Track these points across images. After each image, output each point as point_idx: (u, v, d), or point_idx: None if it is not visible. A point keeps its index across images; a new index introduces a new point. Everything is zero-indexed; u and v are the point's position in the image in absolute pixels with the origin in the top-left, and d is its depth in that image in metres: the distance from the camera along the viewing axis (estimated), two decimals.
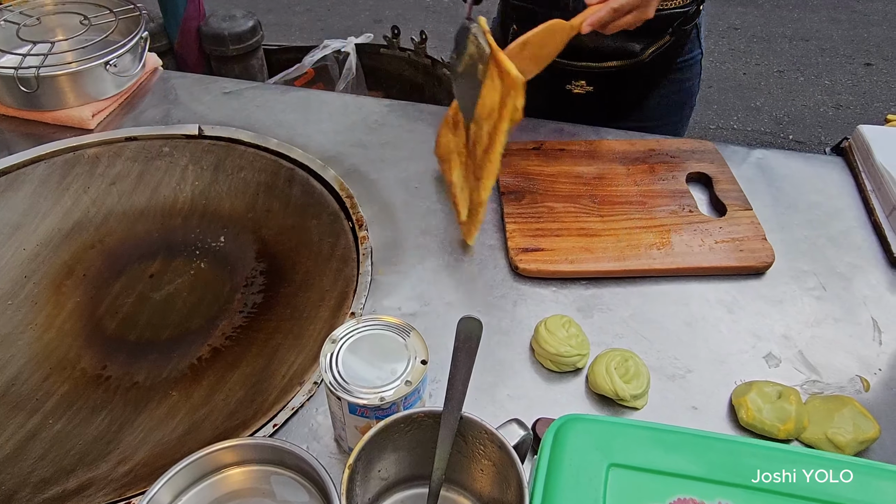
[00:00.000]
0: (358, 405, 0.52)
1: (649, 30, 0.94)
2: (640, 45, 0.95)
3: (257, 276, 0.79)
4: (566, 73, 0.99)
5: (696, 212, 0.81)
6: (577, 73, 0.99)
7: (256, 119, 0.98)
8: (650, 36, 0.95)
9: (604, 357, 0.65)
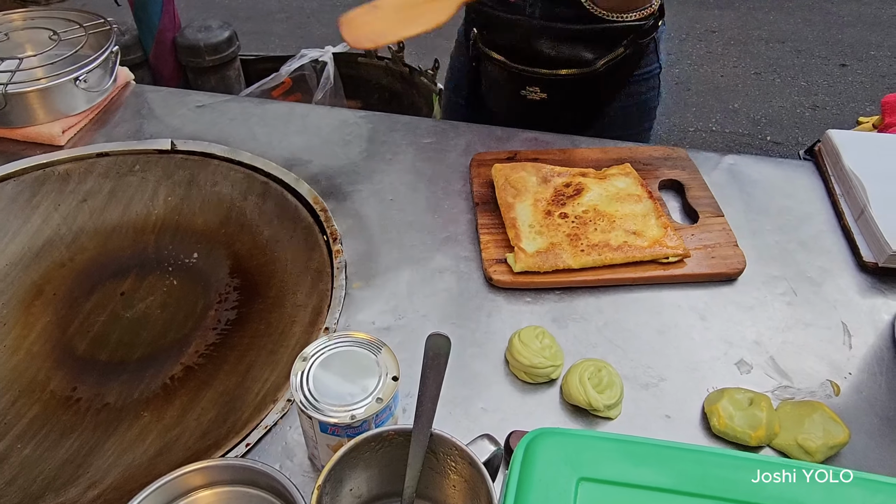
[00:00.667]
0: (329, 424, 0.52)
1: (604, 41, 0.95)
2: (594, 55, 0.96)
3: (231, 293, 0.79)
4: (521, 79, 1.00)
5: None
6: (531, 79, 1.00)
7: (230, 133, 0.98)
8: (604, 47, 0.96)
9: (577, 367, 0.65)
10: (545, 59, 0.97)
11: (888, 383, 0.67)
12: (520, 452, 0.49)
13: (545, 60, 0.97)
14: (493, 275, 0.75)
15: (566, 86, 0.98)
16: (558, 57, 0.96)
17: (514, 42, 0.97)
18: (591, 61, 0.96)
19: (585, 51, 0.95)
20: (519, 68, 0.98)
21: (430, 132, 0.98)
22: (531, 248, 0.76)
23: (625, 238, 0.77)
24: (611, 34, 0.94)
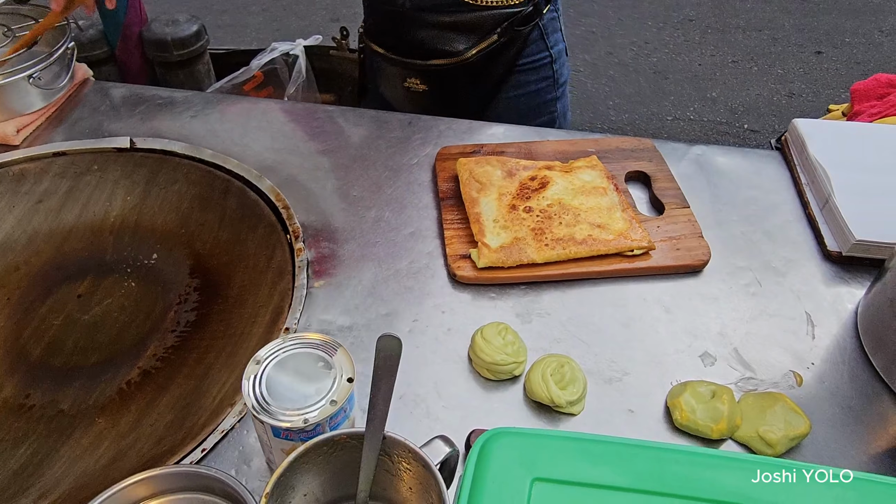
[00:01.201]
0: (281, 428, 0.51)
1: (475, 29, 0.94)
2: (465, 45, 0.95)
3: (191, 293, 0.77)
4: (402, 71, 0.99)
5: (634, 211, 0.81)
6: (410, 71, 0.99)
7: (191, 130, 0.96)
8: (476, 36, 0.94)
9: (540, 364, 0.64)
10: (419, 49, 0.96)
11: (850, 372, 0.67)
12: (474, 453, 0.48)
13: (419, 51, 0.96)
14: (457, 271, 0.74)
15: (442, 76, 0.97)
16: (430, 47, 0.95)
17: (392, 33, 0.97)
18: (463, 51, 0.95)
19: (457, 40, 0.94)
20: (395, 59, 0.98)
21: (397, 126, 0.97)
22: (495, 244, 0.75)
23: (589, 231, 0.76)
24: (482, 22, 0.93)
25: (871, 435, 0.62)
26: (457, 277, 0.74)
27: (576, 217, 0.78)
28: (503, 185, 0.83)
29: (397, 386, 0.64)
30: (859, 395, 0.65)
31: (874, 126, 0.93)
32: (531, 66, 1.01)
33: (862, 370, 0.67)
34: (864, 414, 0.63)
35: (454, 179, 0.86)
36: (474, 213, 0.79)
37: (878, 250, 0.75)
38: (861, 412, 0.64)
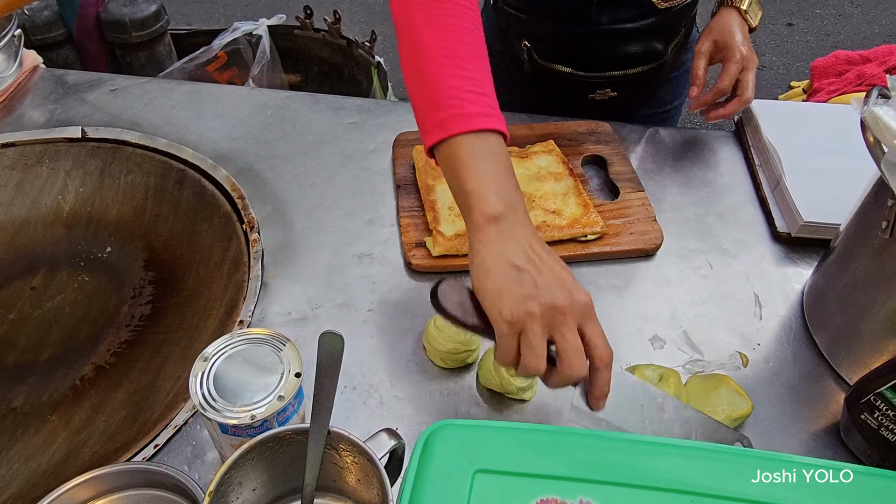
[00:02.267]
0: (229, 425, 0.51)
1: (670, 28, 0.93)
2: (663, 45, 0.93)
3: (146, 287, 0.77)
4: (591, 85, 0.96)
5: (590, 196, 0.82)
6: (602, 84, 0.96)
7: (145, 118, 0.94)
8: (669, 34, 0.94)
9: (492, 351, 0.65)
10: (616, 61, 0.93)
11: (794, 353, 0.69)
12: (419, 446, 0.49)
13: (616, 62, 0.93)
14: (412, 259, 0.75)
15: (637, 79, 0.95)
16: (630, 56, 0.93)
17: (579, 51, 0.93)
18: (662, 51, 0.94)
19: (655, 42, 0.93)
20: (588, 76, 0.94)
21: (355, 111, 0.96)
22: (450, 231, 0.75)
23: (543, 217, 0.77)
24: (675, 19, 0.92)
25: (812, 413, 0.64)
26: (412, 265, 0.75)
27: (530, 203, 0.78)
28: None
29: (351, 377, 0.65)
30: (802, 374, 0.67)
31: (827, 106, 0.94)
32: (690, 46, 1.01)
33: (806, 350, 0.69)
34: (806, 393, 0.65)
35: (411, 166, 0.85)
36: (430, 200, 0.79)
37: (826, 231, 0.77)
38: (803, 391, 0.65)
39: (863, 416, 0.58)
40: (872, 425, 0.57)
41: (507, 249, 0.52)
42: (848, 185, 0.67)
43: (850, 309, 0.65)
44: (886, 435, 0.57)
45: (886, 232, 0.59)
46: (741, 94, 0.83)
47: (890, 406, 0.56)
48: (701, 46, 0.86)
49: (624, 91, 0.96)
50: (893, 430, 0.56)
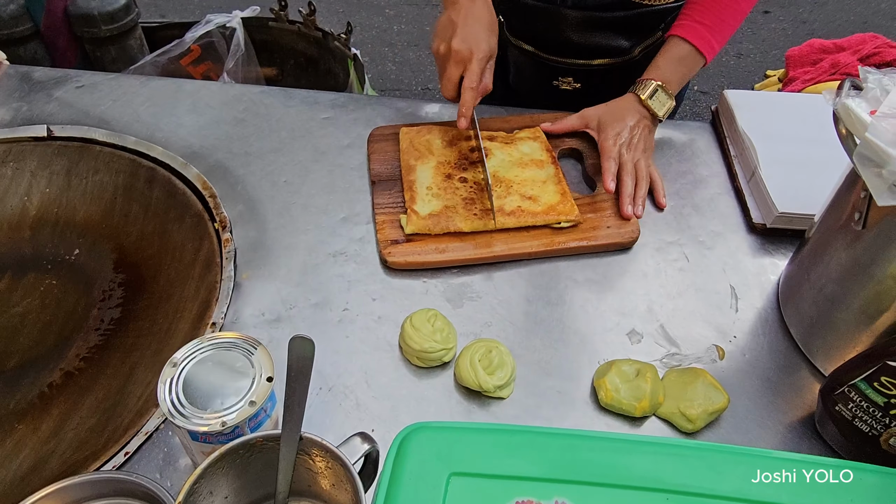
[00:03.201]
0: (199, 433, 0.50)
1: (642, 27, 0.91)
2: (630, 43, 0.92)
3: (115, 289, 0.75)
4: (554, 70, 0.95)
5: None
6: (564, 70, 0.95)
7: (113, 115, 0.92)
8: (641, 33, 0.92)
9: (469, 349, 0.65)
10: (578, 49, 0.92)
11: (770, 344, 0.69)
12: (394, 449, 0.49)
13: (578, 50, 0.92)
14: (388, 257, 0.74)
15: (601, 75, 0.94)
16: (593, 46, 0.91)
17: (544, 32, 0.92)
18: (628, 49, 0.92)
19: (622, 38, 0.91)
20: (551, 59, 0.93)
21: (329, 106, 0.95)
22: (424, 211, 0.75)
23: (519, 203, 0.77)
24: (649, 19, 0.90)
25: (787, 405, 0.64)
26: (388, 263, 0.74)
27: (507, 189, 0.78)
28: (443, 154, 0.83)
29: (326, 378, 0.64)
30: (778, 366, 0.67)
31: (802, 96, 0.95)
32: None
33: (782, 341, 0.69)
34: (782, 385, 0.66)
35: (387, 161, 0.84)
36: (409, 180, 0.79)
37: (801, 221, 0.77)
38: (779, 383, 0.66)
39: (837, 407, 0.58)
40: (847, 416, 0.58)
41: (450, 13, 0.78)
42: (823, 175, 0.67)
43: (824, 300, 0.65)
44: (860, 426, 0.57)
45: (859, 224, 0.59)
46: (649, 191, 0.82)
47: (863, 397, 0.56)
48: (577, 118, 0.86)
49: (588, 84, 0.96)
50: (867, 420, 0.56)
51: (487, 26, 0.78)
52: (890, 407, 0.54)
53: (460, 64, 0.77)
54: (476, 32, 0.77)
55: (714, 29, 0.81)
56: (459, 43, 0.76)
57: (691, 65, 0.84)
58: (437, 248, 0.74)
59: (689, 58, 0.83)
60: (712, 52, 0.83)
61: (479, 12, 0.78)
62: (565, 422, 0.62)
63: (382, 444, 0.53)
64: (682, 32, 0.82)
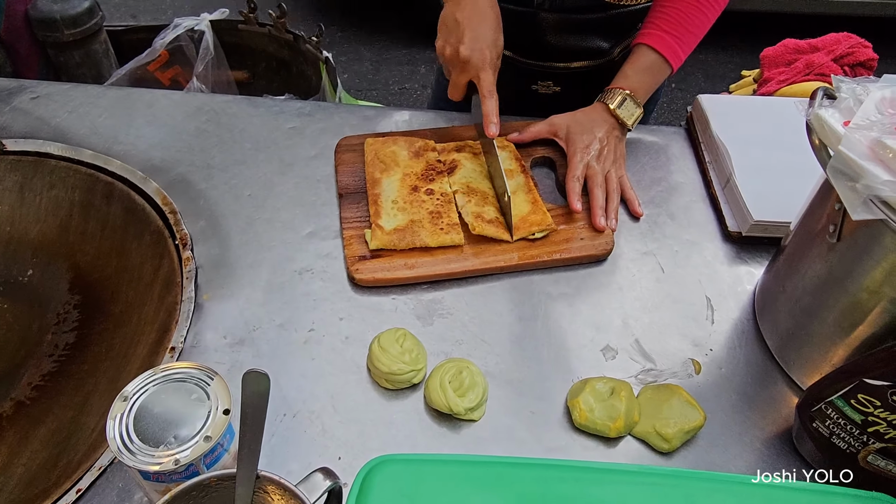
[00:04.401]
0: (150, 472, 0.47)
1: (619, 28, 0.89)
2: (609, 44, 0.89)
3: (71, 312, 0.72)
4: (532, 73, 0.93)
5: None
6: (544, 74, 0.93)
7: (69, 127, 0.88)
8: (619, 34, 0.89)
9: (439, 370, 0.62)
10: (557, 52, 0.90)
11: (746, 357, 0.68)
12: (356, 486, 0.47)
13: (557, 54, 0.90)
14: (356, 273, 0.71)
15: (581, 77, 0.92)
16: (571, 49, 0.89)
17: (522, 36, 0.90)
18: (607, 50, 0.90)
19: (600, 40, 0.89)
20: (530, 63, 0.91)
21: (295, 115, 0.92)
22: (389, 226, 0.73)
23: (496, 214, 0.75)
24: (627, 20, 0.88)
25: (764, 420, 0.63)
26: (356, 281, 0.71)
27: (484, 199, 0.77)
28: (409, 165, 0.80)
29: (290, 403, 0.62)
30: (754, 379, 0.66)
31: (777, 100, 0.94)
32: None
33: (758, 353, 0.68)
34: (759, 399, 0.64)
35: (355, 173, 0.82)
36: (374, 193, 0.76)
37: (776, 229, 0.76)
38: (755, 397, 0.64)
39: (814, 424, 0.57)
40: (824, 433, 0.57)
41: (455, 10, 0.75)
42: (799, 182, 0.66)
43: (800, 312, 0.64)
44: (838, 443, 0.56)
45: (834, 236, 0.58)
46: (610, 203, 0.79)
47: (841, 415, 0.55)
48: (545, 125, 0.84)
49: (568, 87, 0.94)
50: (845, 438, 0.55)
51: (494, 24, 0.76)
52: (868, 424, 0.53)
53: (470, 71, 0.75)
54: (484, 35, 0.75)
55: (680, 39, 0.80)
56: (468, 50, 0.74)
57: (658, 73, 0.82)
58: (406, 263, 0.72)
59: (655, 66, 0.81)
60: (678, 60, 0.82)
61: (485, 10, 0.76)
62: (539, 444, 0.60)
63: (350, 471, 0.51)
64: (649, 41, 0.81)
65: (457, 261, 0.73)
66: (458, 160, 0.82)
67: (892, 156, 0.50)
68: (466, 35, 0.74)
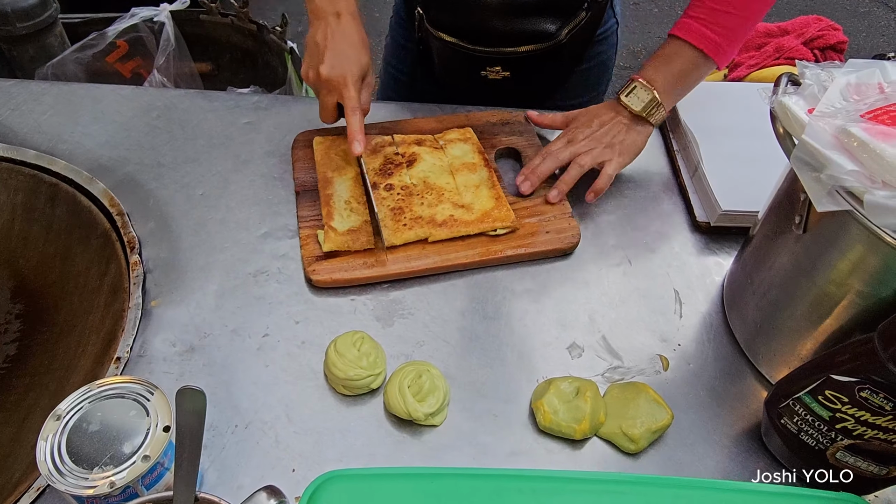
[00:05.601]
0: (84, 496, 0.45)
1: (565, 8, 0.86)
2: (556, 26, 0.86)
3: (12, 322, 0.68)
4: (480, 59, 0.89)
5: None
6: (491, 59, 0.89)
7: (11, 126, 0.84)
8: (565, 14, 0.86)
9: (398, 374, 0.60)
10: (503, 36, 0.86)
11: (715, 351, 0.66)
12: (304, 503, 0.44)
13: (503, 38, 0.87)
14: (313, 275, 0.68)
15: (530, 61, 0.88)
16: (516, 33, 0.86)
17: (466, 21, 0.86)
18: (554, 33, 0.86)
19: (546, 22, 0.86)
20: (476, 49, 0.88)
21: (251, 110, 0.88)
22: (342, 227, 0.70)
23: (451, 212, 0.72)
24: (571, 0, 0.86)
25: (733, 416, 0.61)
26: (313, 282, 0.69)
27: (439, 197, 0.74)
28: (366, 162, 0.77)
29: (243, 414, 0.59)
30: (723, 374, 0.64)
31: (746, 86, 0.92)
32: (604, 36, 0.94)
33: (726, 346, 0.67)
34: (727, 395, 0.63)
35: (313, 169, 0.79)
36: (326, 194, 0.74)
37: (745, 219, 0.74)
38: (724, 393, 0.63)
39: (782, 420, 0.56)
40: (792, 430, 0.55)
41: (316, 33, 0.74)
42: (767, 171, 0.64)
43: (767, 305, 0.62)
44: (806, 439, 0.54)
45: (800, 227, 0.56)
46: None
47: (808, 411, 0.53)
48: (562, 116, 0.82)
49: (517, 71, 0.91)
50: (813, 434, 0.54)
51: (356, 42, 0.74)
52: (835, 421, 0.52)
53: (334, 91, 0.73)
54: (345, 53, 0.73)
55: (709, 23, 0.74)
56: (329, 69, 0.72)
57: (684, 60, 0.76)
58: (365, 262, 0.69)
59: (677, 54, 0.76)
60: (710, 44, 0.74)
61: (346, 28, 0.74)
62: (502, 447, 0.58)
63: (304, 484, 0.48)
64: (676, 31, 0.76)
65: (417, 259, 0.70)
66: (418, 153, 0.79)
67: (857, 144, 0.48)
68: (326, 55, 0.72)
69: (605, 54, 0.98)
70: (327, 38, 0.73)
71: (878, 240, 0.48)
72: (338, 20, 0.74)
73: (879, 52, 2.13)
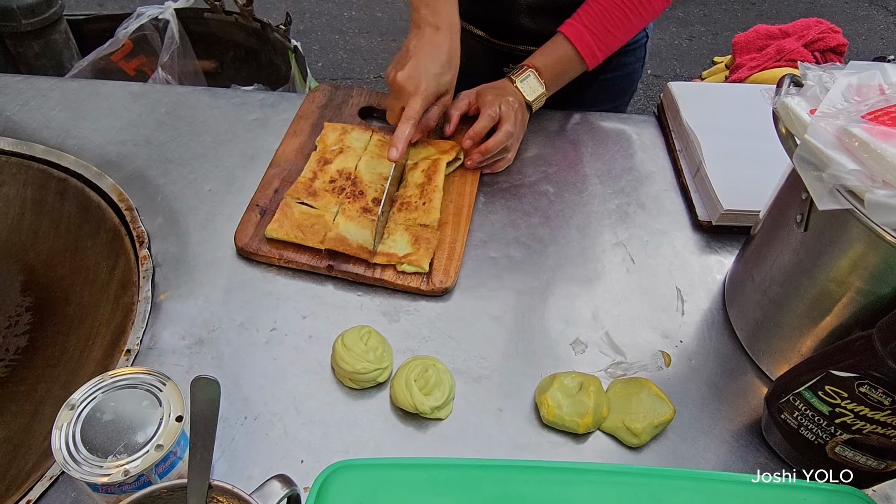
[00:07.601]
0: (98, 484, 0.45)
1: None
2: None
3: (22, 314, 0.69)
4: (504, 55, 0.91)
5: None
6: (515, 56, 0.90)
7: (20, 121, 0.85)
8: None
9: (404, 368, 0.61)
10: (530, 35, 0.87)
11: (716, 348, 0.67)
12: (314, 492, 0.45)
13: (530, 37, 0.88)
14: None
15: None
16: (544, 32, 0.86)
17: (497, 17, 0.88)
18: None
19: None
20: (501, 45, 0.89)
21: (257, 106, 0.89)
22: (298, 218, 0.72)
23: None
24: None
25: (734, 412, 0.62)
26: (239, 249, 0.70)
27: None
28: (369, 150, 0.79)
29: (252, 406, 0.60)
30: (724, 370, 0.65)
31: (747, 87, 0.93)
32: (632, 48, 0.95)
33: (728, 343, 0.68)
34: (728, 390, 0.64)
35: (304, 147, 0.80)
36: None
37: (746, 218, 0.75)
38: (725, 389, 0.64)
39: (783, 415, 0.57)
40: (792, 425, 0.56)
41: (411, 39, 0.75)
42: (768, 170, 0.65)
43: (768, 302, 0.63)
44: (806, 434, 0.55)
45: (801, 226, 0.57)
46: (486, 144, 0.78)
47: (808, 406, 0.54)
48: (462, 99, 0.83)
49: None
50: (813, 429, 0.55)
51: (444, 62, 0.74)
52: (835, 416, 0.53)
53: (403, 98, 0.73)
54: (426, 67, 0.73)
55: (599, 37, 0.80)
56: (405, 77, 0.73)
57: (567, 65, 0.82)
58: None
59: (567, 58, 0.81)
60: (594, 59, 0.81)
61: (439, 43, 0.74)
62: (507, 441, 0.59)
63: (313, 475, 0.49)
64: (567, 32, 0.80)
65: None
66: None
67: (858, 144, 0.49)
68: (409, 63, 0.73)
69: (632, 66, 0.99)
70: (418, 48, 0.74)
71: (878, 238, 0.49)
72: (435, 33, 0.74)
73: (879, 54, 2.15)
